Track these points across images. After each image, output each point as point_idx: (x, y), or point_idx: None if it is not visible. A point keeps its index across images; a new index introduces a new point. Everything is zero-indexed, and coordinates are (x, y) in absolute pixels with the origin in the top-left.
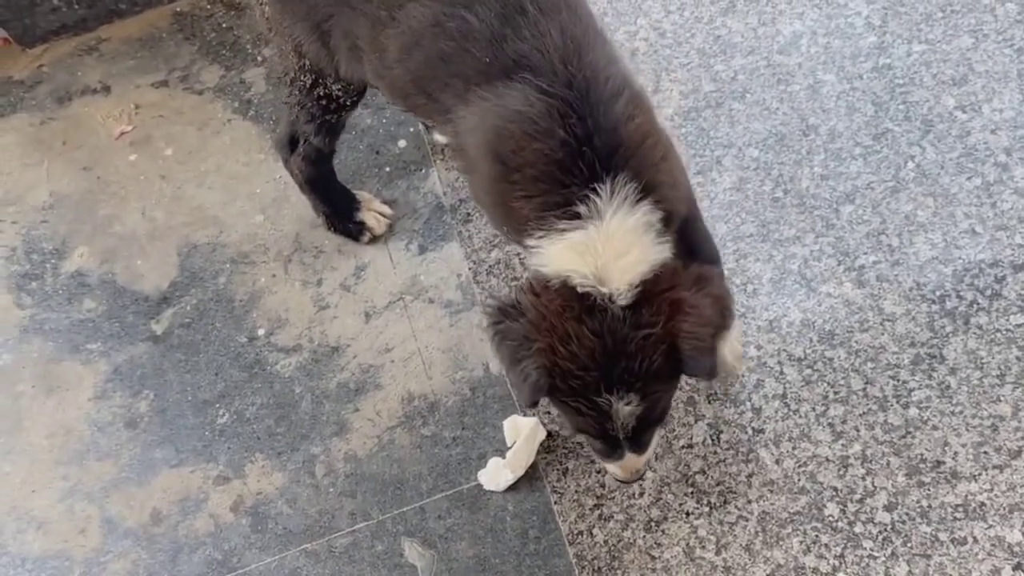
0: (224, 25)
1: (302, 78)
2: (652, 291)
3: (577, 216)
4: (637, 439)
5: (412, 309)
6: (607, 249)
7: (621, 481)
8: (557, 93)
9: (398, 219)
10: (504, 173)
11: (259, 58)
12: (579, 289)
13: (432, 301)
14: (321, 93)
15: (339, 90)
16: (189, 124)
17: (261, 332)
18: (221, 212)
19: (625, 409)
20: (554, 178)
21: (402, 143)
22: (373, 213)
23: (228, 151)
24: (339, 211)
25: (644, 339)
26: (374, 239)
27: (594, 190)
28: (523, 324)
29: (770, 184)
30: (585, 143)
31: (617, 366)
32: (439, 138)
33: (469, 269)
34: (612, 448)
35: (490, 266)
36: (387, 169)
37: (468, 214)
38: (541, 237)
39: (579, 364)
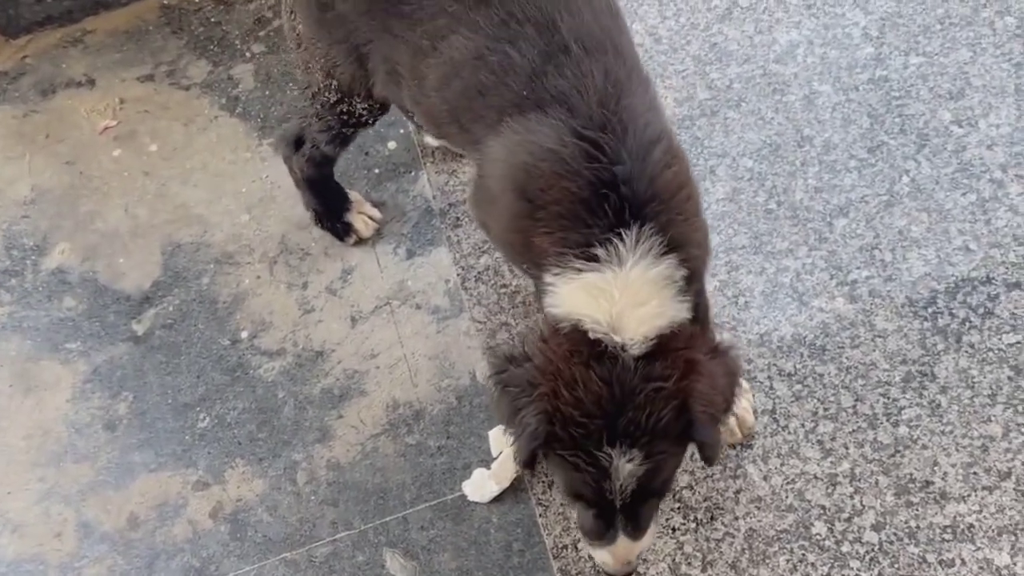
0: (212, 19)
1: (327, 95)
2: (667, 347)
3: (595, 259)
4: (634, 514)
5: (399, 315)
6: (624, 296)
7: (609, 574)
8: (590, 136)
9: (386, 223)
10: (529, 210)
11: (248, 54)
12: (591, 335)
13: (419, 307)
14: (344, 110)
15: (364, 109)
16: (175, 120)
17: (244, 335)
18: (206, 211)
19: (627, 467)
20: (578, 217)
21: (392, 144)
22: (362, 216)
23: (214, 148)
24: (330, 209)
25: (655, 391)
26: (360, 241)
27: (618, 235)
28: (527, 369)
29: (763, 195)
30: (614, 189)
31: (623, 417)
32: (430, 141)
33: (457, 275)
34: (605, 526)
35: (479, 272)
36: (376, 171)
37: (457, 219)
38: (557, 275)
39: (583, 411)
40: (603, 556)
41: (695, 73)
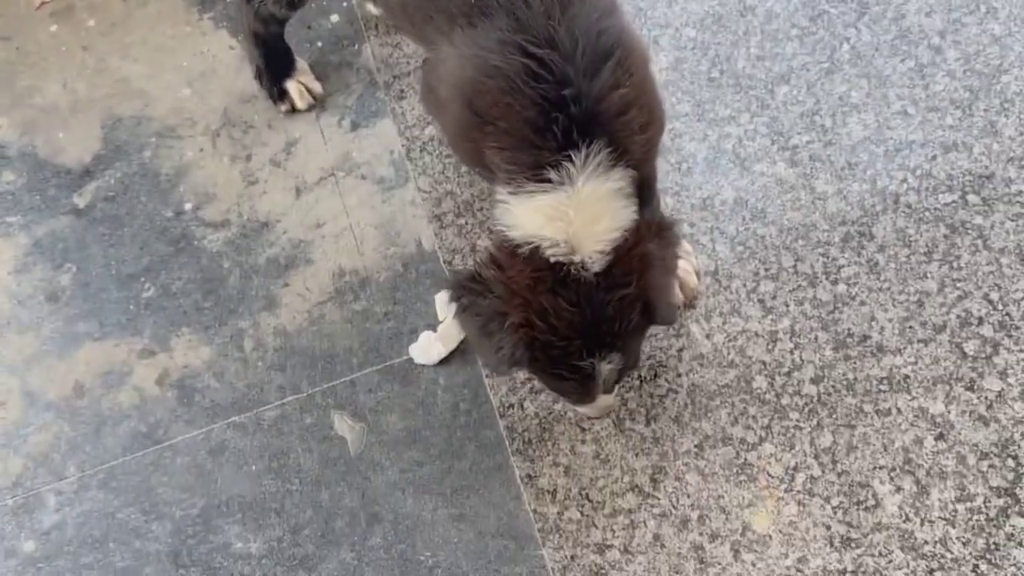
0: None
1: None
2: (621, 251)
3: (548, 180)
4: (611, 384)
5: (344, 185)
6: (579, 216)
7: (593, 418)
8: (536, 54)
9: (329, 95)
10: (478, 123)
11: None
12: (551, 258)
13: (364, 177)
14: None
15: None
16: None
17: (188, 207)
18: (146, 85)
19: (607, 368)
20: (526, 138)
21: (335, 17)
22: (300, 87)
23: (154, 23)
24: (271, 70)
25: (620, 300)
26: (293, 111)
27: (568, 157)
28: (492, 301)
29: (706, 64)
30: (562, 109)
31: (598, 331)
32: (372, 9)
33: (403, 146)
34: (586, 394)
35: (423, 143)
36: (319, 44)
37: (402, 91)
38: (511, 193)
39: (560, 335)
40: (585, 410)
41: None
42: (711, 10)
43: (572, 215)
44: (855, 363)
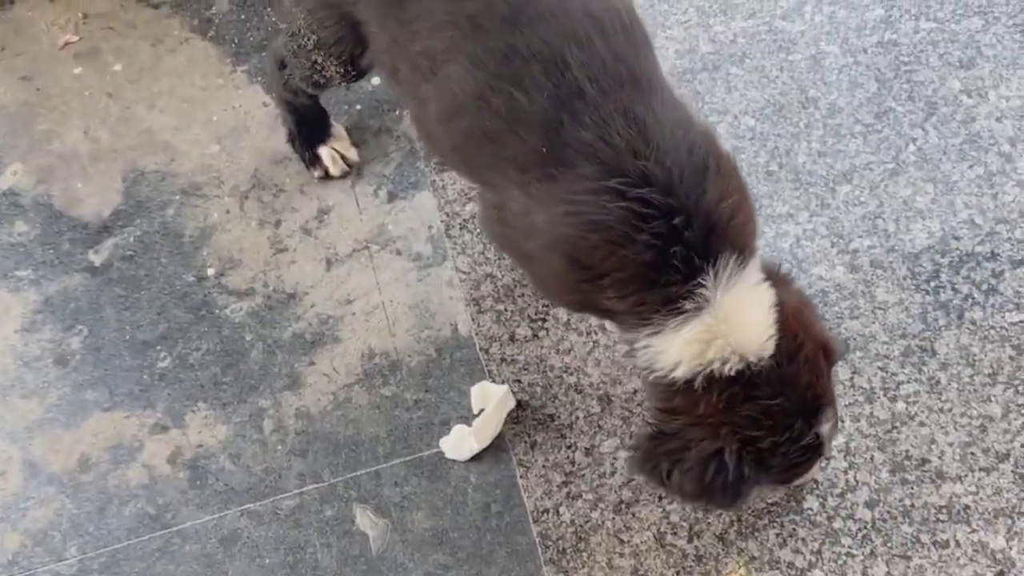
0: None
1: (304, 41)
2: (781, 324)
3: (685, 311)
4: (831, 441)
5: (378, 260)
6: (733, 327)
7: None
8: (635, 195)
9: (366, 163)
10: (588, 276)
11: None
12: (729, 373)
13: (400, 253)
14: (319, 62)
15: (338, 72)
16: (142, 39)
17: (211, 272)
18: (173, 138)
19: (827, 427)
20: (649, 279)
21: (376, 80)
22: (335, 153)
23: (184, 72)
24: (304, 136)
25: (804, 364)
26: (327, 178)
27: (697, 283)
28: (697, 447)
29: (765, 156)
30: (677, 240)
31: (805, 402)
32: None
33: (442, 221)
34: (812, 464)
35: (464, 220)
36: (357, 107)
37: (443, 163)
38: (652, 335)
39: (779, 431)
40: (812, 472)
41: (698, 24)
42: (772, 99)
43: (726, 329)
44: (912, 488)
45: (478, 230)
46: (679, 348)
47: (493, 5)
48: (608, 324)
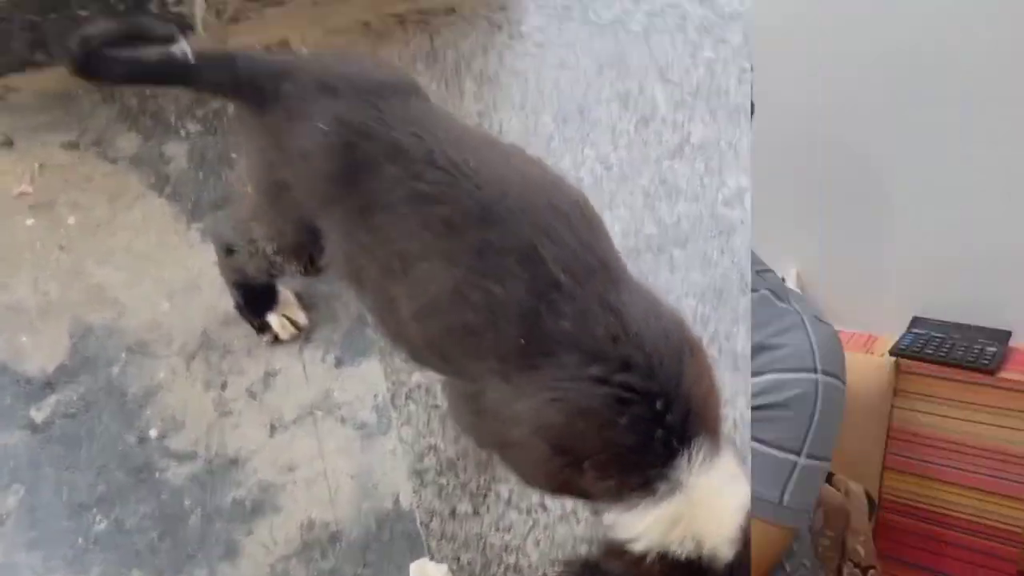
0: (148, 92)
1: (263, 244)
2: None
3: (657, 491)
4: None
5: (322, 426)
6: (699, 510)
7: None
8: (618, 380)
9: (315, 327)
10: (572, 462)
11: (183, 132)
12: (680, 559)
13: (344, 420)
14: (277, 262)
15: (298, 271)
16: (99, 193)
17: (153, 433)
18: (123, 294)
19: None
20: (629, 461)
21: None
22: (284, 320)
23: (139, 228)
24: (251, 307)
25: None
26: (277, 341)
27: (672, 467)
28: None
29: (706, 339)
30: (658, 423)
31: None
32: None
33: (388, 390)
34: None
35: (410, 389)
36: None
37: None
38: (621, 512)
39: None
40: None
41: (644, 207)
42: (713, 283)
43: (694, 513)
44: None
45: (423, 400)
46: (646, 525)
47: (464, 206)
48: (577, 502)
